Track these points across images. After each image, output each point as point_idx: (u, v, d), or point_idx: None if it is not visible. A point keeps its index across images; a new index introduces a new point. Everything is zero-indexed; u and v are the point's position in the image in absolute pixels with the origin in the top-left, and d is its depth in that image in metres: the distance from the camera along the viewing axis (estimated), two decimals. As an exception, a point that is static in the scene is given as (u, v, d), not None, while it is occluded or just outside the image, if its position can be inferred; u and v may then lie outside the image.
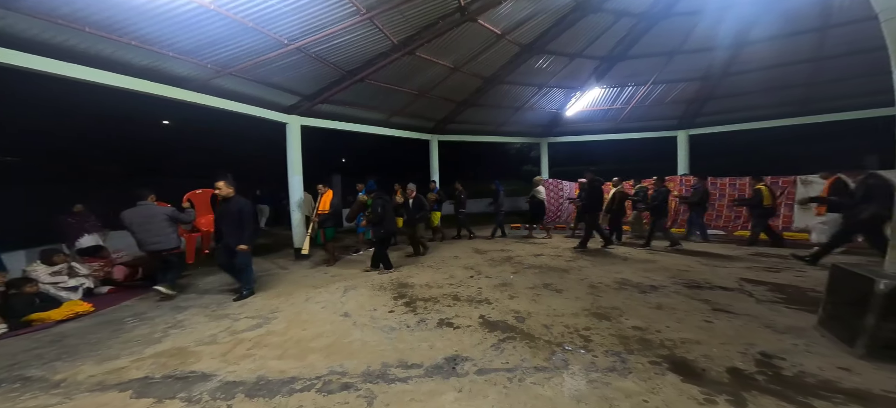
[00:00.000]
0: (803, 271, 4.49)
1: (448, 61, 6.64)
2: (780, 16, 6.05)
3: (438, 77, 7.14)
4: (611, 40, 7.05)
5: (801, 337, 2.61)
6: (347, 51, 5.44)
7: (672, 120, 9.64)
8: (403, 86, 7.15)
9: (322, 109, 6.99)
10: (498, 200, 8.21)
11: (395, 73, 6.55)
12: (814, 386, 1.97)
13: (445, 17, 5.28)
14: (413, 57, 6.07)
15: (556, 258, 5.91)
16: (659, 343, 2.59)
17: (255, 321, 3.43)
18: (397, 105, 8.00)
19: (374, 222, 5.17)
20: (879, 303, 2.21)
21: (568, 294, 3.89)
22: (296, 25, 4.48)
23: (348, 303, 3.88)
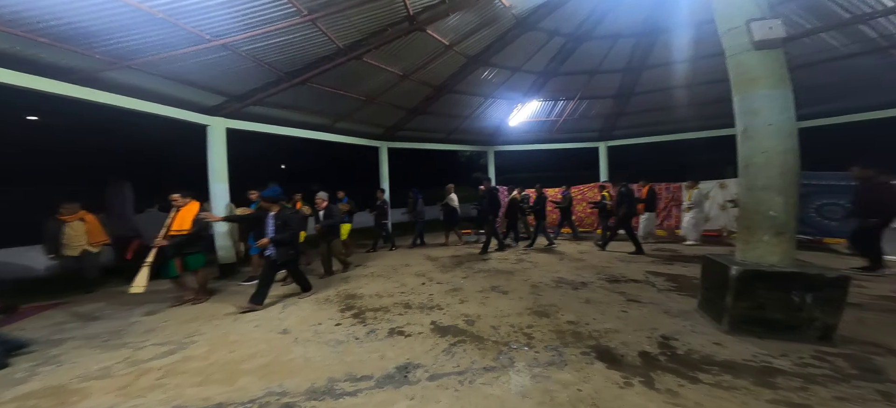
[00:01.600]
0: (689, 262, 5.41)
1: (397, 68, 6.61)
2: (666, 46, 7.22)
3: (387, 83, 7.07)
4: (546, 57, 7.73)
5: (688, 319, 3.12)
6: (287, 52, 5.10)
7: (594, 132, 10.90)
8: (350, 91, 6.92)
9: (254, 110, 6.42)
10: (416, 209, 8.21)
11: (342, 78, 6.32)
12: (698, 361, 2.35)
13: (394, 25, 5.27)
14: (360, 62, 5.92)
15: (504, 261, 6.21)
16: (588, 335, 2.88)
17: (165, 348, 2.99)
18: (344, 110, 7.72)
19: (281, 241, 3.99)
20: (733, 286, 2.71)
21: (513, 295, 4.12)
22: (222, 21, 4.07)
23: (288, 319, 3.60)
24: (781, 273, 2.61)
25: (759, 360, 2.27)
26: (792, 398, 1.83)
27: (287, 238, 4.04)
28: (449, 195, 8.06)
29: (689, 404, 1.86)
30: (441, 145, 11.28)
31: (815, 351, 2.35)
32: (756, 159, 2.89)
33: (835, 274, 2.53)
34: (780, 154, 2.79)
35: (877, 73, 6.32)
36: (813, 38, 6.03)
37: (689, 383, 2.07)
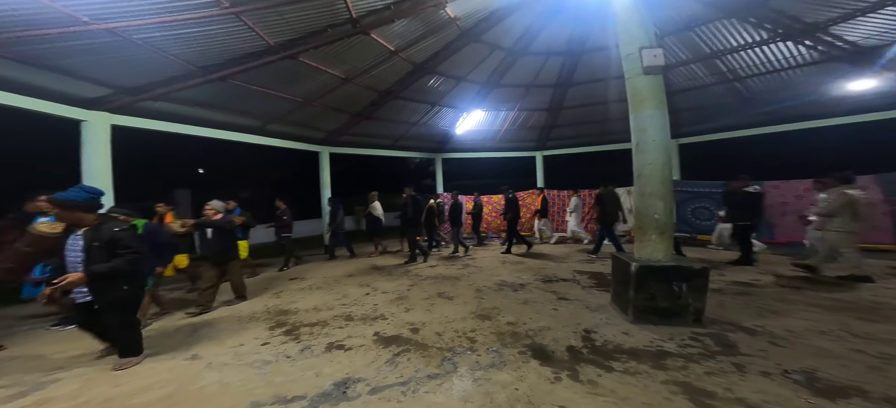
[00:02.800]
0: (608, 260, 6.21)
1: (339, 71, 6.35)
2: (589, 66, 8.10)
3: (328, 86, 6.74)
4: (488, 69, 8.13)
5: (604, 313, 3.53)
6: (203, 44, 4.57)
7: (531, 142, 11.79)
8: (284, 91, 6.44)
9: (153, 106, 5.63)
10: (336, 219, 7.84)
11: (274, 77, 5.86)
12: (612, 351, 2.66)
13: (335, 27, 5.05)
14: (296, 62, 5.55)
15: (450, 267, 6.36)
16: (525, 334, 3.07)
17: (16, 390, 2.44)
18: (276, 112, 7.16)
19: (101, 275, 2.53)
20: (633, 280, 3.15)
21: (458, 300, 4.24)
22: (108, 3, 3.51)
23: (198, 344, 3.22)
24: (665, 267, 3.11)
25: (655, 345, 2.69)
26: (677, 377, 2.21)
27: (113, 269, 2.54)
28: (372, 203, 7.89)
29: (606, 392, 2.10)
30: (388, 152, 11.09)
31: (692, 333, 2.86)
32: (645, 170, 3.41)
33: (700, 266, 3.07)
34: (661, 166, 3.34)
35: (725, 99, 8.04)
36: (686, 67, 7.45)
37: (605, 373, 2.34)
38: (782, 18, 5.62)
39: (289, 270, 6.82)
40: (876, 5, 4.86)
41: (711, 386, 2.07)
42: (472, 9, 5.66)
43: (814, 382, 2.06)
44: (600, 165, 12.59)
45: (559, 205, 10.20)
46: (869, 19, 5.15)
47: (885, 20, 5.08)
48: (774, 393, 1.96)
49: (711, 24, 6.19)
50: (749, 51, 6.56)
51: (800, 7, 5.34)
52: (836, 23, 5.39)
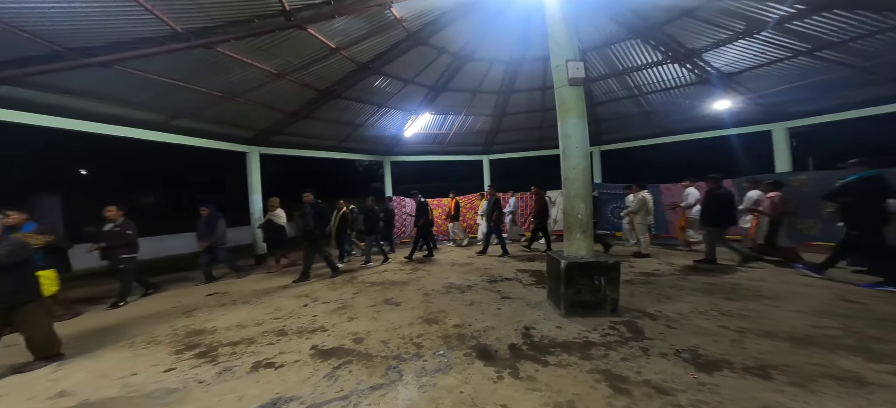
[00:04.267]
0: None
1: (270, 66, 5.82)
2: (528, 75, 8.66)
3: (256, 81, 6.13)
4: (436, 72, 8.20)
5: (541, 309, 3.77)
6: (76, 23, 3.85)
7: (478, 146, 12.24)
8: (197, 84, 5.71)
9: None
10: (215, 233, 6.27)
11: (182, 67, 5.18)
12: (547, 345, 2.85)
13: (264, 18, 4.61)
14: (213, 53, 4.96)
15: (399, 272, 6.27)
16: (470, 335, 3.14)
17: None
18: (187, 106, 6.32)
19: None
20: (563, 276, 3.43)
21: (406, 305, 4.20)
22: None
23: (72, 376, 2.72)
24: (587, 263, 3.45)
25: (582, 336, 2.99)
26: (600, 365, 2.49)
27: None
28: (274, 211, 6.95)
29: (542, 386, 2.23)
30: (332, 154, 10.51)
31: (610, 322, 3.26)
32: (570, 174, 3.78)
33: (613, 261, 3.45)
34: (583, 170, 3.74)
35: (633, 111, 9.32)
36: (605, 81, 8.47)
37: (541, 367, 2.48)
38: (671, 42, 6.70)
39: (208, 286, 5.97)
40: (733, 37, 6.07)
41: (625, 371, 2.37)
42: (418, 11, 5.66)
43: (697, 358, 2.50)
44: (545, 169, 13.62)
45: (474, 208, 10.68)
46: (728, 49, 6.42)
47: (740, 50, 6.39)
48: (670, 372, 2.32)
49: (623, 43, 7.11)
50: (649, 69, 7.71)
51: (683, 34, 6.42)
52: (707, 50, 6.62)
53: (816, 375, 2.19)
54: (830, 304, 3.53)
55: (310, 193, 6.11)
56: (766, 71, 6.74)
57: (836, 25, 5.22)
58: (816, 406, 1.86)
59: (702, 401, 1.97)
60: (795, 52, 6.04)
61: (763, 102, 7.56)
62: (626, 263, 5.89)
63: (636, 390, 2.13)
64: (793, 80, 6.76)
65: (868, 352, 2.46)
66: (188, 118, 6.68)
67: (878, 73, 6.00)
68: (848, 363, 2.32)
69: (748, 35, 5.92)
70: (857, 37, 5.31)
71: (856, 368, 2.26)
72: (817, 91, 6.87)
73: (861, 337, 2.72)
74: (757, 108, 7.75)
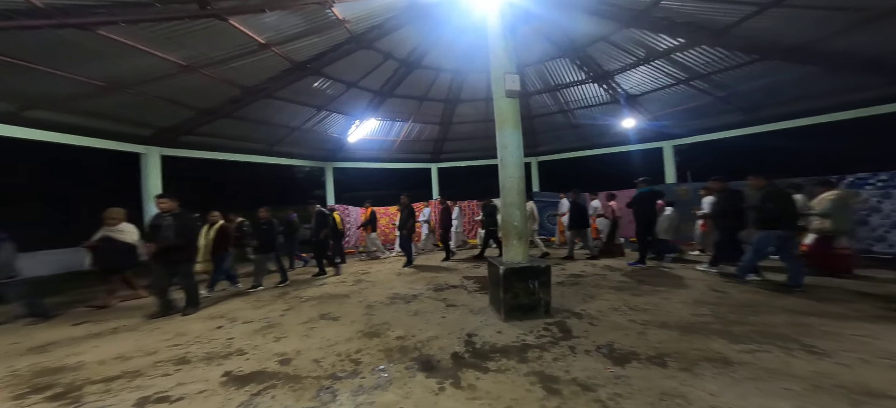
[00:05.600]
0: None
1: (178, 56, 5.10)
2: (473, 86, 8.93)
3: (156, 72, 5.33)
4: (382, 77, 8.03)
5: (483, 315, 3.84)
6: None
7: (426, 154, 12.30)
8: (62, 68, 4.79)
9: None
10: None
11: (45, 48, 4.34)
12: (488, 351, 2.89)
13: (167, 3, 4.01)
14: (92, 35, 4.20)
15: (340, 285, 5.92)
16: (413, 347, 3.07)
17: None
18: (52, 95, 5.29)
19: None
20: (502, 282, 3.58)
21: (345, 320, 3.98)
22: None
23: None
24: (523, 268, 3.62)
25: (520, 340, 3.13)
26: (535, 367, 2.61)
27: None
28: (115, 225, 5.20)
29: (483, 394, 2.25)
30: (261, 158, 9.56)
31: (544, 324, 3.47)
32: (507, 183, 3.99)
33: (545, 265, 3.67)
34: (518, 179, 3.97)
35: (562, 123, 10.31)
36: (540, 96, 9.25)
37: (482, 374, 2.50)
38: (592, 63, 7.61)
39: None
40: (636, 63, 7.13)
41: (556, 371, 2.53)
42: (363, 14, 5.50)
43: (613, 352, 2.79)
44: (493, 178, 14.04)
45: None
46: (633, 73, 7.52)
47: (641, 75, 7.54)
48: (593, 368, 2.54)
49: (555, 61, 7.85)
50: (575, 87, 8.63)
51: (601, 56, 7.34)
52: (618, 73, 7.67)
53: (698, 359, 2.59)
54: (704, 294, 4.26)
55: (167, 200, 4.74)
56: (658, 95, 8.07)
57: (704, 59, 6.52)
58: (699, 388, 2.20)
59: (618, 394, 2.19)
60: (678, 80, 7.36)
61: (657, 122, 9.00)
62: (558, 267, 6.42)
63: (565, 388, 2.29)
64: (676, 104, 8.19)
65: (730, 335, 3.00)
66: (51, 110, 5.53)
67: (730, 102, 7.62)
68: (718, 346, 2.79)
69: (646, 62, 7.03)
70: (716, 71, 6.69)
71: (723, 349, 2.72)
72: (692, 115, 8.44)
73: (725, 322, 3.31)
74: (652, 127, 9.18)
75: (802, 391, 2.11)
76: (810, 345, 2.73)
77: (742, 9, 4.94)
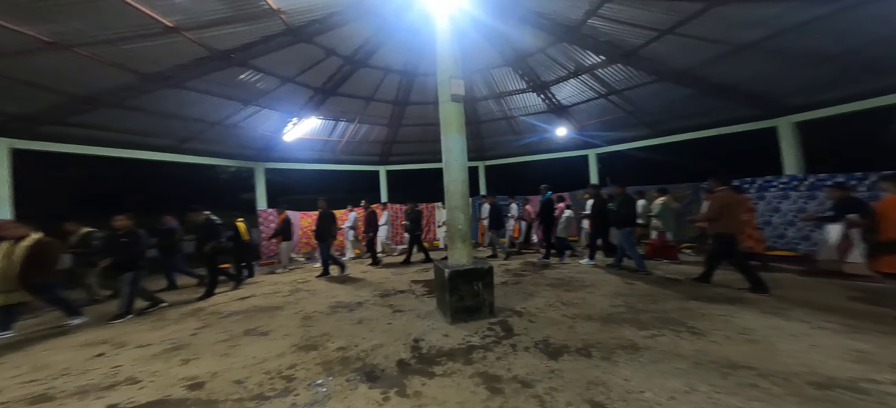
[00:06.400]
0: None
1: (39, 30, 4.18)
2: (422, 88, 8.85)
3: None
4: (324, 74, 7.55)
5: (430, 318, 3.82)
6: None
7: (375, 156, 11.89)
8: None
9: None
10: None
11: None
12: (435, 355, 2.88)
13: None
14: None
15: (273, 295, 5.41)
16: (356, 357, 2.94)
17: None
18: None
19: None
20: (447, 284, 3.61)
21: (276, 334, 3.64)
22: None
23: None
24: (468, 270, 3.69)
25: (466, 341, 3.17)
26: (480, 368, 2.66)
27: None
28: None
29: (429, 400, 2.22)
30: (165, 156, 8.23)
31: (488, 324, 3.57)
32: (451, 186, 4.04)
33: (488, 266, 3.80)
34: (462, 183, 4.05)
35: (506, 129, 10.82)
36: (486, 102, 9.62)
37: (428, 380, 2.48)
38: (532, 74, 8.16)
39: None
40: (567, 76, 7.86)
41: (499, 370, 2.61)
42: (302, 6, 5.11)
43: (549, 347, 2.97)
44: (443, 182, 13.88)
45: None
46: (566, 85, 8.27)
47: (572, 88, 8.33)
48: (532, 365, 2.67)
49: (500, 69, 8.22)
50: (517, 95, 9.16)
51: (539, 67, 7.91)
52: (553, 84, 8.35)
53: (614, 347, 2.90)
54: (619, 287, 4.81)
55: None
56: (584, 107, 8.98)
57: (619, 76, 7.47)
58: (616, 375, 2.45)
59: (553, 388, 2.33)
60: (599, 94, 8.29)
61: (584, 132, 10.01)
62: (502, 266, 6.70)
63: (507, 387, 2.37)
64: (598, 115, 9.21)
65: (638, 322, 3.42)
66: None
67: (636, 117, 8.84)
68: (629, 333, 3.16)
69: (575, 75, 7.79)
70: (628, 88, 7.72)
71: (633, 337, 3.09)
72: (610, 126, 9.57)
73: (634, 311, 3.77)
74: (580, 136, 10.18)
75: (688, 369, 2.47)
76: (693, 327, 3.24)
77: (646, 33, 5.81)
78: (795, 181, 6.31)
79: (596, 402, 2.14)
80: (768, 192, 6.59)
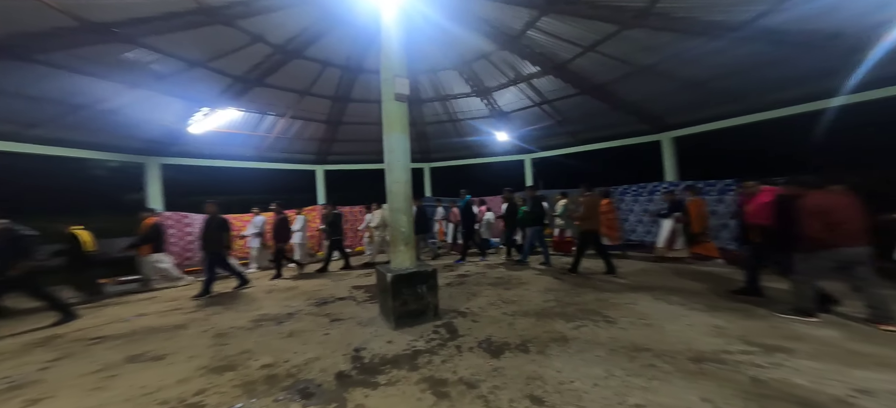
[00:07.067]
0: None
1: None
2: (365, 86, 8.41)
3: None
4: (247, 62, 6.71)
5: (373, 325, 3.66)
6: None
7: (311, 155, 10.99)
8: None
9: None
10: None
11: None
12: (378, 364, 2.75)
13: None
14: None
15: (173, 313, 4.61)
16: (286, 374, 2.68)
17: None
18: None
19: None
20: (390, 288, 3.50)
21: (177, 357, 3.11)
22: None
23: None
24: (411, 273, 3.61)
25: (411, 346, 3.07)
26: (425, 373, 2.59)
27: None
28: None
29: None
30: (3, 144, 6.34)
31: (433, 326, 3.53)
32: (393, 188, 3.91)
33: (432, 269, 3.76)
34: (405, 184, 3.92)
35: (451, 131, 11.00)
36: (432, 104, 9.68)
37: (371, 391, 2.36)
38: (476, 78, 8.44)
39: None
40: (508, 83, 8.32)
41: (445, 373, 2.57)
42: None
43: (491, 346, 3.03)
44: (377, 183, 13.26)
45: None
46: (506, 92, 8.77)
47: (511, 95, 8.85)
48: (477, 365, 2.70)
49: (446, 72, 8.31)
50: (462, 99, 9.38)
51: (483, 73, 8.22)
52: (495, 90, 8.75)
53: (548, 340, 3.08)
54: (550, 283, 5.17)
55: None
56: (521, 113, 9.61)
57: (550, 87, 8.17)
58: (550, 367, 2.60)
59: (496, 386, 2.37)
60: (534, 102, 8.96)
61: (521, 138, 10.70)
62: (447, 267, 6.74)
63: (453, 390, 2.34)
64: (533, 122, 9.94)
65: (566, 315, 3.71)
66: None
67: (563, 126, 9.80)
68: (559, 326, 3.40)
69: (515, 83, 8.28)
70: (557, 98, 8.50)
71: (562, 329, 3.33)
72: (542, 133, 10.40)
73: (563, 305, 4.08)
74: (518, 142, 10.84)
75: (605, 356, 2.74)
76: (607, 316, 3.64)
77: (574, 49, 6.47)
78: (646, 188, 8.04)
79: (535, 396, 2.23)
80: (627, 196, 8.31)
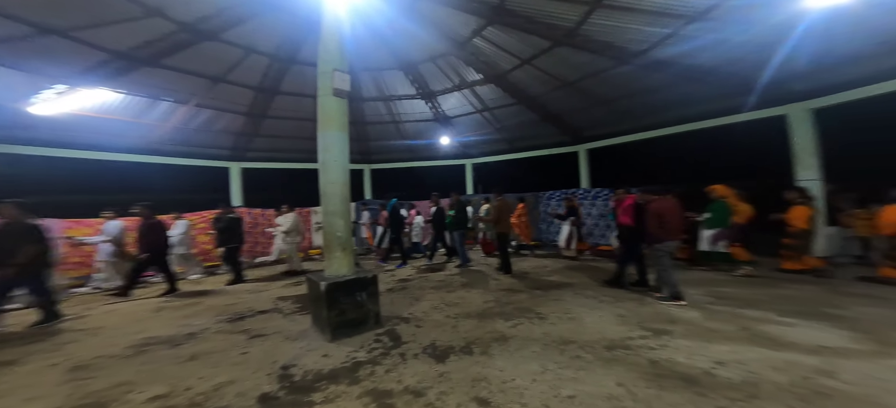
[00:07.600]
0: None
1: None
2: (299, 78, 7.68)
3: None
4: (137, 36, 5.53)
5: (304, 339, 3.31)
6: None
7: (225, 150, 9.55)
8: None
9: None
10: None
11: None
12: (312, 381, 2.50)
13: None
14: None
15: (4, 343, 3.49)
16: (188, 404, 2.24)
17: None
18: None
19: None
20: (325, 298, 3.20)
21: (11, 399, 2.39)
22: None
23: None
24: (349, 280, 3.36)
25: (351, 358, 2.82)
26: (368, 385, 2.39)
27: None
28: None
29: None
30: None
31: (375, 335, 3.30)
32: (328, 189, 3.59)
33: (371, 274, 3.54)
34: (342, 185, 3.63)
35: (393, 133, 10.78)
36: (374, 103, 9.36)
37: None
38: (422, 80, 8.42)
39: None
40: (453, 88, 8.50)
41: (390, 384, 2.40)
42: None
43: (436, 351, 2.95)
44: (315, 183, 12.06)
45: None
46: (451, 96, 8.93)
47: (455, 100, 9.08)
48: (422, 372, 2.56)
49: (391, 71, 8.09)
50: (406, 101, 9.27)
51: (429, 76, 8.24)
52: (440, 94, 8.84)
53: (490, 341, 3.12)
54: (489, 284, 5.24)
55: None
56: (464, 119, 9.93)
57: (491, 96, 8.59)
58: (493, 367, 2.63)
59: (443, 392, 2.29)
60: (476, 109, 9.34)
61: (463, 143, 11.06)
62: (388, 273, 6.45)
63: (399, 400, 2.20)
64: (474, 128, 10.37)
65: (504, 314, 3.82)
66: None
67: (502, 133, 10.45)
68: (499, 326, 3.48)
69: (459, 89, 8.51)
70: (497, 106, 9.00)
71: (502, 328, 3.41)
72: (484, 139, 10.91)
73: (501, 305, 4.19)
74: (460, 146, 11.20)
75: (540, 350, 2.88)
76: (539, 313, 3.85)
77: (513, 60, 6.89)
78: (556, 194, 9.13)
79: (480, 398, 2.21)
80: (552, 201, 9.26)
